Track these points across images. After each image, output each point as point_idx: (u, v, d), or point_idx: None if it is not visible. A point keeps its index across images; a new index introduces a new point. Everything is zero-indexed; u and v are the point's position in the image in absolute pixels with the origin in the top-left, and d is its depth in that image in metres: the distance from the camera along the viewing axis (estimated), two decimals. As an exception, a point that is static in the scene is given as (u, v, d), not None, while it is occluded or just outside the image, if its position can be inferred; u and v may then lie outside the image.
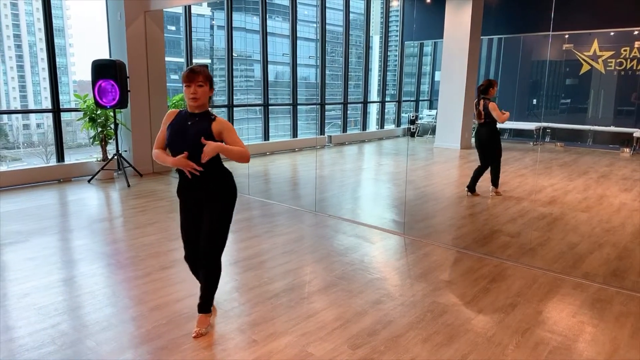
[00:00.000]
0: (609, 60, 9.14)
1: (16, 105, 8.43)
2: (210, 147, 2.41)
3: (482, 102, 5.65)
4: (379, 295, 3.19)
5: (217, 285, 2.75)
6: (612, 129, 8.91)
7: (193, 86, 2.47)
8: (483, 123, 5.70)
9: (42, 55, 6.77)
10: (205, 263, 2.65)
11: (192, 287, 3.25)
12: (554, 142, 8.77)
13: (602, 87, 9.36)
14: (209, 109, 2.61)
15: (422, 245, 4.21)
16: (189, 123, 2.53)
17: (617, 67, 9.14)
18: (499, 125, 5.76)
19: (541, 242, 4.29)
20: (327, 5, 10.36)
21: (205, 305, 2.72)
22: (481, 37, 9.13)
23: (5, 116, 8.19)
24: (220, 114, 8.69)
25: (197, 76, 2.47)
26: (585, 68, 9.27)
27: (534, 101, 8.99)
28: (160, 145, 2.63)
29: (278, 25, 9.81)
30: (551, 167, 7.70)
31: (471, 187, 5.90)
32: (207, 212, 2.61)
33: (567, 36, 9.07)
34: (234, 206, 2.68)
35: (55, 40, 6.61)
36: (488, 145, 5.78)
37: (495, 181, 5.90)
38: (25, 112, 8.68)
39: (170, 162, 2.52)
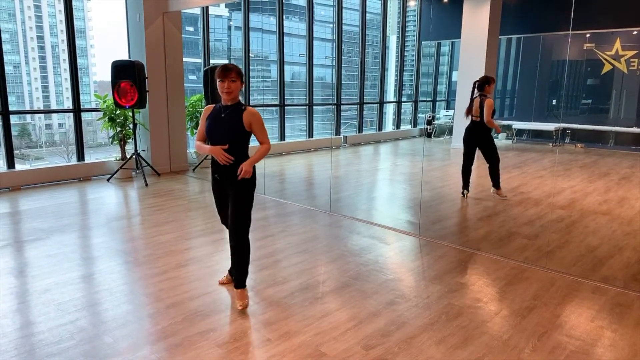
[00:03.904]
0: (631, 59, 8.94)
1: (39, 105, 8.63)
2: (247, 169, 2.81)
3: (478, 98, 5.54)
4: (393, 296, 3.18)
5: (248, 261, 3.07)
6: (635, 130, 8.71)
7: (227, 81, 2.81)
8: (478, 121, 5.55)
9: (64, 56, 6.91)
10: (233, 237, 2.98)
11: (207, 285, 3.29)
12: (573, 143, 8.62)
13: (625, 87, 9.16)
14: (240, 99, 2.94)
15: (438, 247, 4.18)
16: (223, 115, 2.89)
17: (640, 67, 8.93)
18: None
19: (559, 245, 4.23)
20: (344, 5, 10.35)
21: (240, 281, 3.04)
22: (499, 37, 9.01)
23: (28, 116, 8.39)
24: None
25: (230, 72, 2.81)
26: (607, 68, 9.08)
27: (554, 101, 8.85)
28: (200, 138, 3.05)
29: (295, 25, 9.84)
30: (571, 168, 7.56)
31: (467, 188, 5.82)
32: (231, 195, 2.95)
33: (588, 35, 8.90)
34: (253, 190, 3.01)
35: (77, 42, 6.75)
36: (482, 144, 5.64)
37: (496, 182, 5.74)
38: (48, 112, 8.88)
39: (207, 150, 2.92)
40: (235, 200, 2.94)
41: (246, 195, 2.96)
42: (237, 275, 3.05)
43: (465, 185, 5.82)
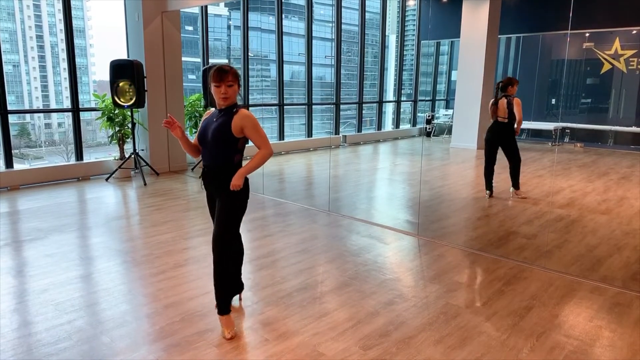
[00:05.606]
0: (631, 59, 8.93)
1: (38, 104, 8.62)
2: (235, 182, 2.57)
3: (504, 99, 5.56)
4: (391, 296, 3.17)
5: (226, 284, 2.68)
6: (634, 129, 8.69)
7: (223, 86, 2.57)
8: (505, 122, 5.58)
9: (63, 55, 6.91)
10: (213, 251, 2.66)
11: (206, 285, 3.28)
12: (573, 142, 8.61)
13: (624, 87, 9.14)
14: (237, 100, 2.69)
15: (436, 247, 4.17)
16: (215, 119, 2.67)
17: (639, 67, 8.92)
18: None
19: (558, 245, 4.22)
20: (343, 4, 10.35)
21: (222, 307, 2.69)
22: (499, 36, 9.01)
23: (28, 115, 8.38)
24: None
25: (227, 76, 2.57)
26: (606, 67, 9.07)
27: (553, 101, 8.84)
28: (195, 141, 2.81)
29: (294, 25, 9.83)
30: (570, 168, 7.56)
31: (490, 188, 5.82)
32: (218, 204, 2.71)
33: (587, 35, 8.89)
34: (244, 201, 2.71)
35: (76, 41, 6.74)
36: (505, 144, 5.66)
37: (516, 182, 5.77)
38: (47, 111, 8.87)
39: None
40: (220, 210, 2.65)
41: (232, 206, 2.65)
42: (216, 300, 2.71)
43: (488, 186, 5.83)
